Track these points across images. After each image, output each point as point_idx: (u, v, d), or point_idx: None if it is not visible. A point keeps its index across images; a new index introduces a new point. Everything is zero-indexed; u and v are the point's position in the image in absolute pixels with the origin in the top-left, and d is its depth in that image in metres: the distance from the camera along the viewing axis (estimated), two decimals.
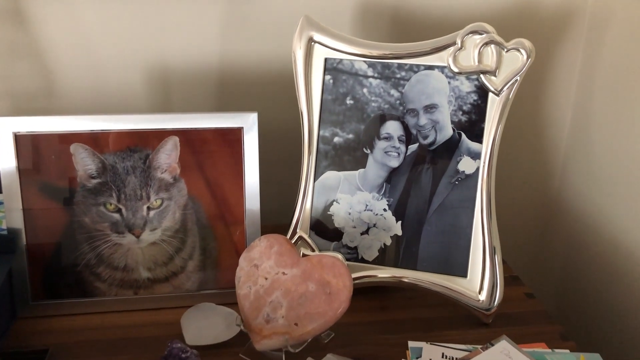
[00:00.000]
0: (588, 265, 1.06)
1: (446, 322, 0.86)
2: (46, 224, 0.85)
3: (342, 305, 0.74)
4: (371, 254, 0.89)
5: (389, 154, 0.87)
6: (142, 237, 0.85)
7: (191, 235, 0.88)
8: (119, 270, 0.87)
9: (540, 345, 0.81)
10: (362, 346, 0.81)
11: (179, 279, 0.88)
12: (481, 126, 0.85)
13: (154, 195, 0.85)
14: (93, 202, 0.84)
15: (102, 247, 0.85)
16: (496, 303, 0.84)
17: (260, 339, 0.76)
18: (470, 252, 0.85)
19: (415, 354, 0.79)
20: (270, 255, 0.80)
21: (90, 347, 0.80)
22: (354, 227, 0.89)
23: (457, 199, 0.86)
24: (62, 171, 0.84)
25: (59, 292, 0.86)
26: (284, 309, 0.76)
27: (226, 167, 0.87)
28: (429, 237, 0.87)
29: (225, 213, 0.88)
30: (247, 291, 0.79)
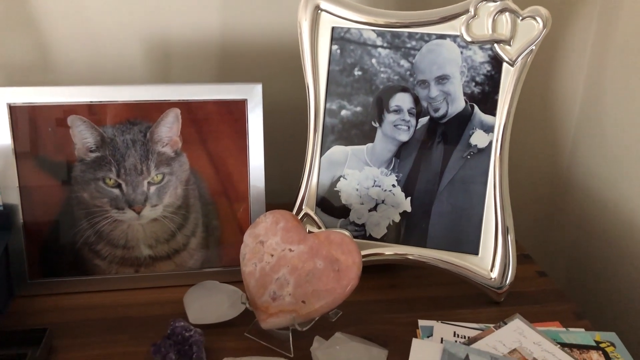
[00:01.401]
0: (599, 243, 1.03)
1: (457, 301, 0.84)
2: (43, 200, 0.82)
3: (351, 282, 0.72)
4: (379, 231, 0.86)
5: (399, 128, 0.84)
6: (142, 213, 0.82)
7: (194, 212, 0.85)
8: (119, 247, 0.84)
9: (554, 324, 0.79)
10: (371, 325, 0.78)
11: (181, 256, 0.86)
12: (495, 98, 0.81)
13: (155, 170, 0.81)
14: (92, 177, 0.81)
15: (102, 224, 0.83)
16: (508, 281, 0.82)
17: (267, 317, 0.74)
18: (482, 229, 0.82)
19: (426, 333, 0.76)
20: (276, 232, 0.77)
21: (90, 326, 0.78)
22: (362, 204, 0.86)
23: (469, 174, 0.83)
24: (60, 145, 0.80)
25: (58, 270, 0.84)
26: (291, 287, 0.73)
27: (230, 141, 0.84)
28: (440, 213, 0.84)
29: (228, 189, 0.85)
30: (252, 268, 0.76)
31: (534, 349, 0.72)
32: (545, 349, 0.72)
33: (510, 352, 0.72)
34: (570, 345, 0.74)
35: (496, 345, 0.73)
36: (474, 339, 0.74)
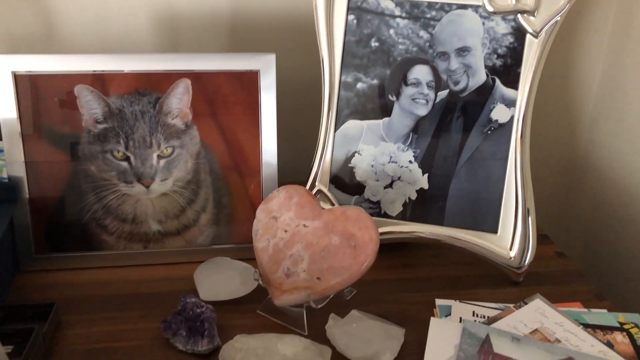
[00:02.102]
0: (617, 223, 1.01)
1: (474, 280, 0.82)
2: (49, 173, 0.79)
3: (368, 259, 0.69)
4: (394, 209, 0.83)
5: (417, 101, 0.81)
6: (151, 187, 0.80)
7: (204, 187, 0.83)
8: (128, 222, 0.81)
9: (575, 304, 0.77)
10: (386, 304, 0.76)
11: (191, 232, 0.83)
12: (517, 71, 0.78)
13: (165, 143, 0.79)
14: (99, 150, 0.78)
15: (110, 198, 0.80)
16: (528, 261, 0.80)
17: (280, 294, 0.71)
18: (501, 207, 0.80)
19: (443, 312, 0.74)
20: (290, 207, 0.74)
21: (98, 302, 0.76)
22: (377, 181, 0.83)
23: (489, 150, 0.80)
24: (66, 116, 0.78)
25: (64, 245, 0.81)
26: (306, 263, 0.71)
27: (241, 113, 0.81)
28: (458, 190, 0.81)
29: (240, 163, 0.83)
30: (265, 244, 0.74)
31: (556, 329, 0.70)
32: (568, 329, 0.70)
33: (532, 332, 0.70)
34: (593, 326, 0.72)
35: (517, 326, 0.71)
36: (493, 319, 0.72)
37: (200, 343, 0.66)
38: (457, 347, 0.66)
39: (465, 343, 0.66)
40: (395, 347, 0.66)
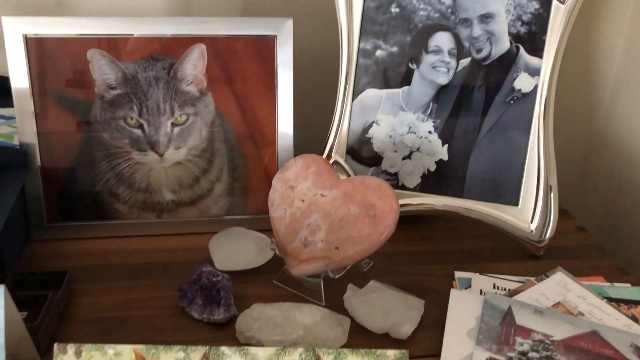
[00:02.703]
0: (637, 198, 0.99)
1: (493, 254, 0.80)
2: (61, 140, 0.78)
3: (388, 229, 0.68)
4: (413, 181, 0.82)
5: (438, 70, 0.79)
6: (165, 155, 0.78)
7: (218, 156, 0.81)
8: (141, 191, 0.80)
9: (597, 279, 0.75)
10: (404, 276, 0.75)
11: (206, 202, 0.82)
12: (542, 39, 0.76)
13: (179, 110, 0.77)
14: (112, 116, 0.77)
15: (122, 166, 0.79)
16: (549, 234, 0.78)
17: (297, 263, 0.70)
18: (523, 179, 0.78)
19: (463, 285, 0.73)
20: (307, 176, 0.73)
21: (111, 270, 0.75)
22: (395, 152, 0.82)
23: (512, 121, 0.78)
24: (79, 81, 0.76)
25: (76, 214, 0.80)
26: (323, 232, 0.69)
27: (257, 81, 0.79)
28: (478, 162, 0.79)
29: (255, 133, 0.81)
30: (282, 214, 0.72)
31: (579, 302, 0.69)
32: (591, 302, 0.69)
33: (554, 305, 0.68)
34: (616, 300, 0.70)
35: (539, 298, 0.69)
36: (514, 292, 0.70)
37: (217, 312, 0.65)
38: (479, 318, 0.65)
39: (487, 315, 0.65)
40: (415, 318, 0.65)
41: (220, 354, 0.50)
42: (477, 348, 0.61)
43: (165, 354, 0.50)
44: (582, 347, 0.61)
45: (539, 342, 0.62)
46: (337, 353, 0.51)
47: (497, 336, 0.63)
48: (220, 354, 0.50)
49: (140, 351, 0.50)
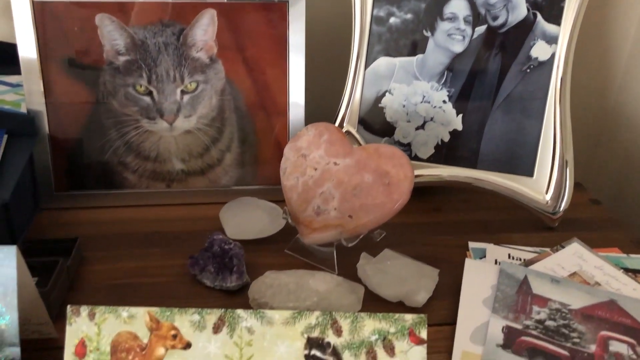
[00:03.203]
0: None
1: (507, 225, 0.79)
2: (70, 107, 0.76)
3: (402, 197, 0.67)
4: (426, 151, 0.80)
5: (453, 37, 0.77)
6: (175, 124, 0.77)
7: (229, 125, 0.80)
8: (150, 160, 0.79)
9: (613, 250, 0.74)
10: (417, 246, 0.74)
11: (216, 172, 0.81)
12: (560, 5, 0.74)
13: (189, 77, 0.76)
14: (121, 83, 0.75)
15: (132, 134, 0.78)
16: (564, 205, 0.77)
17: (310, 232, 0.69)
18: (538, 149, 0.77)
19: (477, 255, 0.72)
20: (320, 145, 0.72)
21: (121, 239, 0.74)
22: (408, 121, 0.80)
23: (528, 90, 0.76)
24: (87, 46, 0.74)
25: (85, 182, 0.79)
26: (337, 201, 0.68)
27: (268, 48, 0.77)
28: (493, 132, 0.78)
29: (266, 101, 0.80)
30: (294, 182, 0.71)
31: (595, 272, 0.68)
32: (608, 273, 0.68)
33: (570, 275, 0.68)
34: (633, 271, 0.69)
35: (554, 269, 0.68)
36: (530, 262, 0.70)
37: (229, 279, 0.65)
38: (494, 287, 0.64)
39: (503, 284, 0.64)
40: (430, 286, 0.64)
41: (236, 317, 0.50)
42: (493, 316, 0.61)
43: (180, 317, 0.49)
44: (600, 316, 0.61)
45: (556, 311, 0.61)
46: (354, 317, 0.50)
47: (513, 305, 0.62)
48: (236, 317, 0.50)
49: (155, 314, 0.49)
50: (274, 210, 0.75)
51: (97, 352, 0.49)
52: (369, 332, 0.50)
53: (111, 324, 0.49)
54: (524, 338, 0.58)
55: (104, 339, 0.49)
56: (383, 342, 0.50)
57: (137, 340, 0.49)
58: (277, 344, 0.49)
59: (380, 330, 0.50)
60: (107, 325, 0.49)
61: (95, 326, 0.49)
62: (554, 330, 0.59)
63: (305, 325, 0.50)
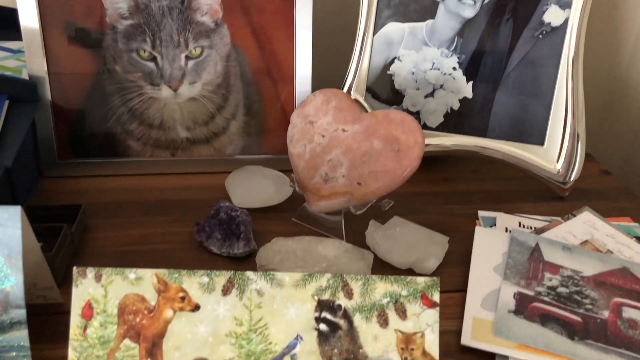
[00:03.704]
0: None
1: (517, 195, 0.78)
2: (72, 74, 0.75)
3: (413, 163, 0.65)
4: (435, 120, 0.79)
5: (463, 2, 0.75)
6: (180, 90, 0.75)
7: (234, 92, 0.78)
8: (154, 128, 0.78)
9: (625, 219, 0.73)
10: (427, 215, 0.72)
11: (221, 140, 0.79)
12: None
13: (193, 43, 0.74)
14: (125, 48, 0.74)
15: (135, 101, 0.76)
16: (575, 174, 0.75)
17: (318, 199, 0.68)
18: (550, 117, 0.75)
19: (487, 223, 0.71)
20: (328, 111, 0.70)
21: (125, 207, 0.73)
22: (418, 89, 0.79)
23: (540, 56, 0.75)
24: (89, 9, 0.72)
25: (89, 150, 0.78)
26: (345, 168, 0.67)
27: (275, 12, 0.75)
28: (504, 100, 0.77)
29: (272, 68, 0.78)
30: (301, 150, 0.70)
31: (607, 241, 0.67)
32: (620, 241, 0.67)
33: (582, 243, 0.67)
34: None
35: (566, 237, 0.67)
36: (541, 230, 0.69)
37: (236, 246, 0.64)
38: (505, 254, 0.63)
39: (514, 251, 0.63)
40: (439, 253, 0.63)
41: (245, 279, 0.49)
42: (504, 283, 0.60)
43: (189, 279, 0.48)
44: (613, 283, 0.60)
45: (568, 278, 0.60)
46: (365, 279, 0.49)
47: (525, 271, 0.61)
48: (245, 279, 0.49)
49: (163, 276, 0.48)
50: (280, 179, 0.74)
51: (104, 314, 0.48)
52: (381, 295, 0.49)
53: (118, 286, 0.48)
54: (536, 304, 0.58)
55: (110, 301, 0.48)
56: (395, 305, 0.49)
57: (145, 303, 0.48)
58: (287, 307, 0.48)
59: (392, 293, 0.49)
60: (113, 287, 0.48)
61: (102, 288, 0.48)
62: (566, 296, 0.58)
63: (316, 287, 0.49)
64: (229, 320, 0.48)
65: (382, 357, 0.49)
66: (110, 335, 0.48)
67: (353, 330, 0.49)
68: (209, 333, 0.48)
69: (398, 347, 0.49)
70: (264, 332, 0.48)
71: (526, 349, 0.54)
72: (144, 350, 0.48)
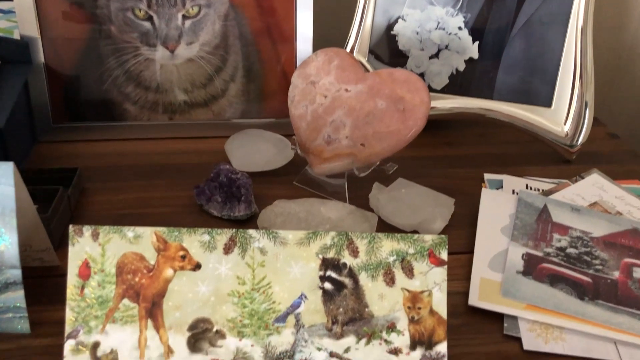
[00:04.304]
0: None
1: (523, 158, 0.76)
2: (66, 34, 0.72)
3: (418, 123, 0.63)
4: (440, 82, 0.77)
5: None
6: (177, 51, 0.73)
7: (233, 53, 0.76)
8: (151, 90, 0.75)
9: (633, 182, 0.72)
10: (431, 179, 0.71)
11: (220, 104, 0.77)
12: None
13: (190, 1, 0.71)
14: (120, 7, 0.71)
15: (131, 63, 0.74)
16: (582, 137, 0.74)
17: (320, 162, 0.66)
18: (558, 78, 0.73)
19: (494, 186, 0.69)
20: (330, 71, 0.68)
21: (122, 171, 0.71)
22: (422, 50, 0.76)
23: (548, 14, 0.72)
24: None
25: (84, 114, 0.76)
26: (348, 129, 0.65)
27: None
28: (511, 60, 0.74)
29: (272, 28, 0.75)
30: (303, 111, 0.68)
31: (616, 203, 0.65)
32: (629, 203, 0.65)
33: (590, 205, 0.65)
34: None
35: (574, 199, 0.66)
36: (549, 192, 0.67)
37: (237, 208, 0.62)
38: (513, 216, 0.62)
39: (522, 212, 0.62)
40: (445, 215, 0.62)
41: (248, 237, 0.47)
42: (512, 243, 0.58)
43: (189, 237, 0.47)
44: (623, 244, 0.59)
45: (578, 239, 0.59)
46: (371, 238, 0.48)
47: (533, 232, 0.60)
48: (248, 237, 0.47)
49: (162, 234, 0.47)
50: (281, 142, 0.72)
51: (102, 273, 0.47)
52: (387, 253, 0.48)
53: (116, 245, 0.47)
54: (545, 265, 0.56)
55: (108, 260, 0.47)
56: (401, 264, 0.48)
57: (144, 262, 0.47)
58: (291, 265, 0.47)
59: (399, 251, 0.48)
60: (111, 246, 0.47)
61: (99, 247, 0.47)
62: (576, 257, 0.57)
63: (320, 245, 0.47)
64: (231, 280, 0.47)
65: (389, 316, 0.48)
66: (108, 295, 0.47)
67: (359, 289, 0.47)
68: (211, 292, 0.47)
69: (405, 306, 0.47)
70: (267, 291, 0.47)
71: (535, 309, 0.52)
72: (143, 310, 0.47)
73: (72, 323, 0.47)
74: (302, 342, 0.47)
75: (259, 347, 0.47)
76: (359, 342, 0.47)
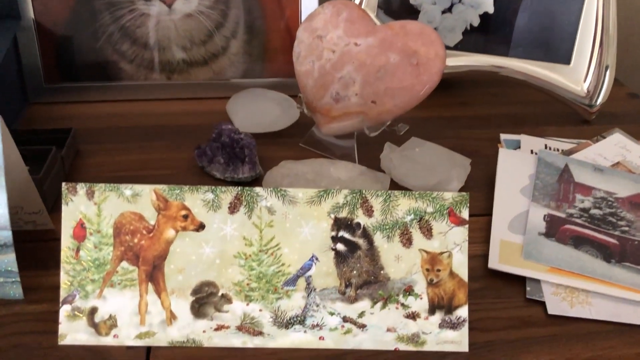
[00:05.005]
0: None
1: (540, 118, 0.73)
2: None
3: (433, 78, 0.60)
4: (454, 38, 0.73)
5: None
6: (174, 6, 0.69)
7: (234, 7, 0.71)
8: (148, 48, 0.71)
9: None
10: (444, 139, 0.67)
11: (220, 62, 0.73)
12: None
13: None
14: None
15: (126, 18, 0.69)
16: (603, 96, 0.70)
17: (328, 121, 0.63)
18: (578, 33, 0.69)
19: (511, 146, 0.66)
20: (338, 24, 0.64)
21: (119, 133, 0.67)
22: (434, 3, 0.72)
23: None
24: None
25: (78, 74, 0.72)
26: (358, 85, 0.61)
27: None
28: (528, 14, 0.70)
29: None
30: (309, 67, 0.64)
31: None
32: None
33: (613, 165, 0.62)
34: None
35: (596, 159, 0.63)
36: (569, 152, 0.64)
37: (241, 170, 0.59)
38: (533, 176, 0.58)
39: (542, 172, 0.58)
40: (462, 175, 0.59)
41: (255, 196, 0.44)
42: (533, 204, 0.55)
43: (191, 195, 0.44)
44: None
45: (602, 200, 0.56)
46: (386, 196, 0.44)
47: (554, 193, 0.56)
48: (255, 196, 0.44)
49: (162, 192, 0.44)
50: (286, 101, 0.68)
51: (98, 234, 0.43)
52: (404, 212, 0.44)
53: (113, 204, 0.43)
54: (568, 226, 0.53)
55: (105, 220, 0.43)
56: (419, 223, 0.44)
57: (143, 222, 0.43)
58: (301, 225, 0.44)
59: (417, 209, 0.44)
60: (108, 205, 0.43)
61: (95, 206, 0.43)
62: (600, 218, 0.54)
63: (332, 204, 0.44)
64: (238, 241, 0.44)
65: (406, 278, 0.45)
66: (105, 257, 0.44)
67: (373, 250, 0.44)
68: (216, 254, 0.44)
69: (423, 268, 0.44)
70: (276, 253, 0.44)
71: (559, 272, 0.49)
72: (143, 274, 0.44)
73: (68, 287, 0.44)
74: (313, 306, 0.44)
75: (267, 311, 0.44)
76: (374, 307, 0.44)
